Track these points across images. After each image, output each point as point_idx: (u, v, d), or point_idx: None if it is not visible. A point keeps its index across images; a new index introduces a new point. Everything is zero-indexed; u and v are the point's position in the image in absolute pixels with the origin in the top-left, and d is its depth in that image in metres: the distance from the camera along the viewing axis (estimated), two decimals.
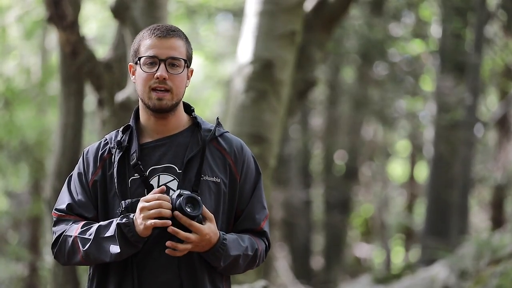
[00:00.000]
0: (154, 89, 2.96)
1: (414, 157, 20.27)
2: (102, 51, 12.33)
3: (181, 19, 16.27)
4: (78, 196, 3.01)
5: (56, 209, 3.04)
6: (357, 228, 20.74)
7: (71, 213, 3.00)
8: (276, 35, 6.75)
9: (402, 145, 21.65)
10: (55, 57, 13.45)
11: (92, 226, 2.94)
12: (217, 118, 3.08)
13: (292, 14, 6.99)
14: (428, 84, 17.38)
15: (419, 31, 15.51)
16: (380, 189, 20.45)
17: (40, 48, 14.88)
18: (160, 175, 2.95)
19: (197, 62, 19.25)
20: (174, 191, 2.91)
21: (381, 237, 19.97)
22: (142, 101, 3.01)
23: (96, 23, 16.25)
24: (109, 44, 9.05)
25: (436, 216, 13.66)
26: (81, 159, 3.07)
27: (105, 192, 2.99)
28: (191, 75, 3.07)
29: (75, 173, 3.07)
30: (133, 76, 3.05)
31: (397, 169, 22.72)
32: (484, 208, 17.90)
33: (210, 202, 2.95)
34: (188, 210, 2.81)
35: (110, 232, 2.88)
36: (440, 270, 9.07)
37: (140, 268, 2.92)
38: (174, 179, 2.95)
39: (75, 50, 7.71)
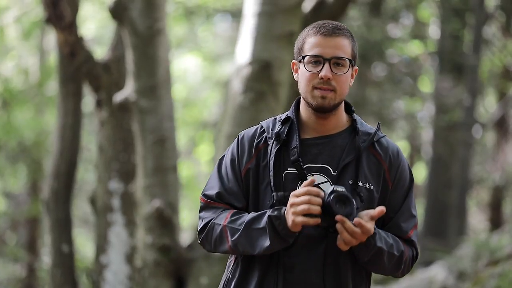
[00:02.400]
0: (317, 88, 2.90)
1: (412, 158, 20.27)
2: (100, 52, 12.33)
3: (180, 19, 16.27)
4: (229, 184, 2.95)
5: (204, 195, 2.99)
6: None
7: (220, 201, 2.95)
8: (274, 36, 6.74)
9: (401, 146, 21.64)
10: (53, 58, 13.44)
11: (242, 216, 2.89)
12: (378, 123, 3.01)
13: (290, 15, 6.99)
14: (426, 85, 17.39)
15: (418, 32, 15.52)
16: None
17: (38, 48, 14.88)
18: (314, 175, 2.90)
19: (195, 63, 19.26)
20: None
21: None
22: (305, 99, 2.94)
23: (95, 24, 16.24)
24: (107, 45, 9.05)
25: (435, 217, 13.67)
26: (235, 144, 3.01)
27: (257, 182, 2.93)
28: (356, 74, 3.03)
29: (227, 157, 3.00)
30: (296, 74, 3.00)
31: None
32: (482, 209, 17.91)
33: (361, 208, 2.89)
34: (337, 206, 2.75)
35: (262, 224, 2.82)
36: (438, 271, 9.07)
37: (287, 267, 2.88)
38: (328, 181, 2.90)
39: (74, 50, 7.71)
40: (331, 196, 2.75)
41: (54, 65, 11.09)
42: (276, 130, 2.96)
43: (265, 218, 2.82)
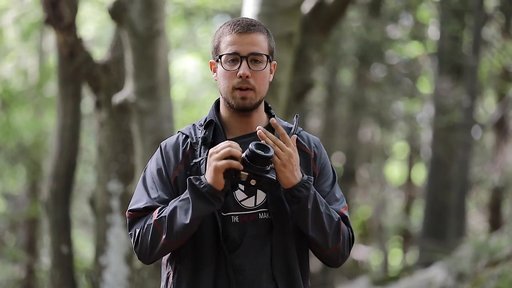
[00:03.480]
0: (237, 88, 2.89)
1: (411, 159, 20.28)
2: (99, 53, 12.32)
3: (179, 20, 16.27)
4: (158, 192, 2.91)
5: (130, 210, 2.93)
6: (354, 230, 20.74)
7: (149, 211, 2.90)
8: (273, 37, 6.74)
9: (400, 147, 21.66)
10: (52, 59, 13.44)
11: (167, 206, 2.87)
12: (297, 116, 3.00)
13: (289, 16, 6.99)
14: (425, 86, 17.39)
15: (417, 33, 15.52)
16: (378, 191, 20.45)
17: (37, 49, 14.88)
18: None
19: (194, 64, 19.26)
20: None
21: (379, 239, 19.98)
22: (225, 99, 2.93)
23: (94, 25, 16.24)
24: (106, 46, 9.05)
25: (434, 218, 13.66)
26: (158, 154, 2.97)
27: None
28: (274, 69, 3.01)
29: (152, 169, 2.96)
30: (214, 74, 2.98)
31: (395, 171, 22.74)
32: (481, 210, 17.91)
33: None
34: (259, 151, 2.75)
35: (184, 195, 2.81)
36: (437, 272, 9.07)
37: (236, 269, 2.87)
38: None
39: (73, 51, 7.72)
40: (250, 146, 2.75)
41: (53, 66, 11.09)
42: (201, 134, 2.95)
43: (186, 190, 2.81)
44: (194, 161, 2.92)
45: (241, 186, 2.89)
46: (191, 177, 2.79)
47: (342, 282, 16.44)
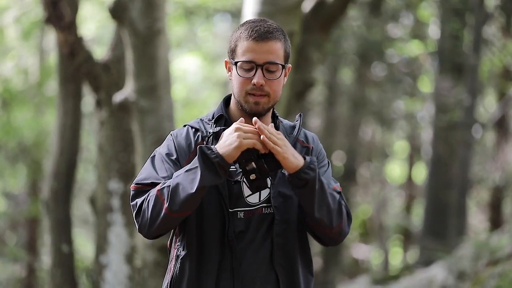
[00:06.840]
0: (251, 93, 2.93)
1: (412, 158, 20.29)
2: (100, 52, 12.33)
3: (179, 19, 16.28)
4: (167, 172, 2.93)
5: (136, 183, 2.98)
6: (355, 229, 20.76)
7: (154, 186, 2.93)
8: None
9: (401, 146, 21.66)
10: (53, 58, 13.44)
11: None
12: (300, 115, 3.07)
13: (290, 15, 7.00)
14: (426, 85, 17.40)
15: (418, 32, 15.53)
16: (378, 190, 20.46)
17: (38, 48, 14.87)
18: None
19: (195, 63, 19.26)
20: (268, 187, 2.96)
21: (379, 238, 19.98)
22: (238, 102, 2.97)
23: (94, 24, 16.24)
24: (107, 45, 9.05)
25: (434, 217, 13.67)
26: (170, 141, 3.01)
27: None
28: (289, 71, 3.05)
29: (163, 153, 3.00)
30: (229, 73, 3.02)
31: (395, 170, 22.74)
32: (482, 209, 17.92)
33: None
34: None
35: (191, 165, 2.83)
36: (438, 271, 9.08)
37: (238, 263, 2.92)
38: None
39: (73, 51, 7.71)
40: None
41: (54, 65, 11.09)
42: (210, 129, 2.99)
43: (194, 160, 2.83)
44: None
45: (247, 183, 2.94)
46: (203, 146, 2.82)
47: (342, 281, 16.44)
